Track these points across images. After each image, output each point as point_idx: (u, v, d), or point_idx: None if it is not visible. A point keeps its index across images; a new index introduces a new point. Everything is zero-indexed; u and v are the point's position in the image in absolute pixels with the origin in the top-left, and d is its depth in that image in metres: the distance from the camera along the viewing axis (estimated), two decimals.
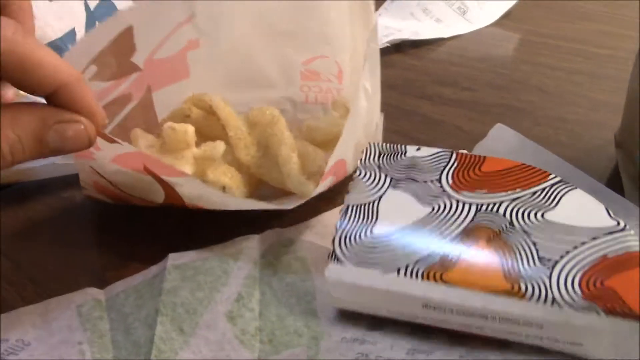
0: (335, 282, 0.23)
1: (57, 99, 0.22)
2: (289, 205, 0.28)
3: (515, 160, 0.32)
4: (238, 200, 0.29)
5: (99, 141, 0.24)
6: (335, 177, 0.29)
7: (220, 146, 0.30)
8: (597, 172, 0.34)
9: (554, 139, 0.38)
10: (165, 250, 0.28)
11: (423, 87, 0.46)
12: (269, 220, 0.31)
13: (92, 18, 0.39)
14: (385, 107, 0.43)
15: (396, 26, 0.58)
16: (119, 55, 0.31)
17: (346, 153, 0.29)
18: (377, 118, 0.34)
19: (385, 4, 0.62)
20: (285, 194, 0.31)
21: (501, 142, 0.33)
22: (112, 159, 0.27)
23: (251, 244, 0.28)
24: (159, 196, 0.29)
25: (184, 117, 0.32)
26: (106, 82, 0.31)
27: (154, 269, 0.28)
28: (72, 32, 0.37)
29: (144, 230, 0.32)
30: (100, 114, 0.24)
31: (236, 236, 0.29)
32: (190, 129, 0.30)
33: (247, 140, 0.31)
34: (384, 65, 0.50)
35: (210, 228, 0.30)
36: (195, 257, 0.28)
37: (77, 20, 0.38)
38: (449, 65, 0.50)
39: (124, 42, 0.31)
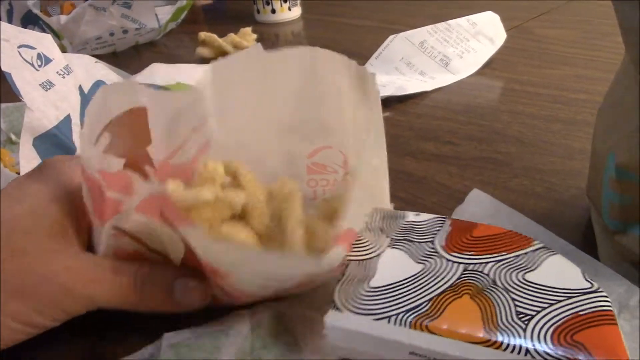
0: (333, 328, 0.25)
1: None
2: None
3: (490, 223, 0.34)
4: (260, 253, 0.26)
5: (135, 183, 0.25)
6: (348, 247, 0.29)
7: (241, 195, 0.29)
8: (572, 223, 0.36)
9: (530, 191, 0.39)
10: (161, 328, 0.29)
11: (407, 144, 0.48)
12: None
13: (86, 101, 0.41)
14: None
15: (381, 82, 0.60)
16: (134, 130, 0.30)
17: (357, 224, 0.29)
18: (386, 185, 0.33)
19: (370, 60, 0.64)
20: None
21: (478, 207, 0.35)
22: (137, 206, 0.26)
23: (242, 319, 0.30)
24: (179, 249, 0.28)
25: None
26: (120, 158, 0.30)
27: (150, 349, 0.29)
28: (68, 119, 0.39)
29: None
30: None
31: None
32: (220, 167, 0.30)
33: (262, 210, 0.30)
34: None
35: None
36: (189, 334, 0.29)
37: (72, 106, 0.40)
38: (432, 119, 0.52)
39: (139, 118, 0.30)
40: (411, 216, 0.31)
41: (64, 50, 0.80)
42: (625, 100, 0.29)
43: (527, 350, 0.22)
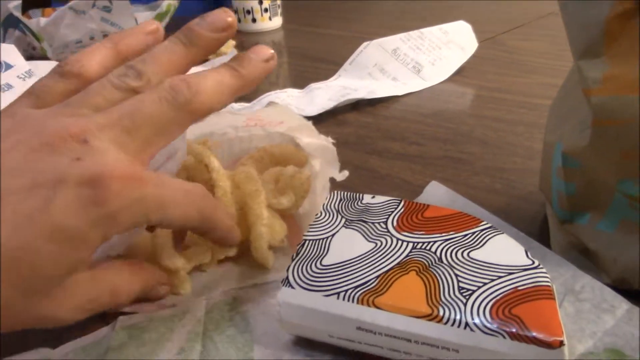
0: (284, 304, 0.26)
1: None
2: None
3: None
4: None
5: None
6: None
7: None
8: (529, 216, 0.37)
9: (489, 188, 0.40)
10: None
11: (374, 143, 0.49)
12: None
13: None
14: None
15: (353, 86, 0.61)
16: None
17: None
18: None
19: (344, 66, 0.65)
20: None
21: (435, 198, 0.35)
22: None
23: (197, 304, 0.30)
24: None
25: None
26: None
27: (104, 330, 0.29)
28: None
29: None
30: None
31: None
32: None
33: (228, 200, 0.33)
34: (340, 123, 0.54)
35: None
36: (143, 318, 0.29)
37: None
38: (401, 121, 0.53)
39: None
40: (367, 198, 0.32)
41: (44, 53, 0.80)
42: (575, 94, 0.30)
43: (467, 324, 0.23)
